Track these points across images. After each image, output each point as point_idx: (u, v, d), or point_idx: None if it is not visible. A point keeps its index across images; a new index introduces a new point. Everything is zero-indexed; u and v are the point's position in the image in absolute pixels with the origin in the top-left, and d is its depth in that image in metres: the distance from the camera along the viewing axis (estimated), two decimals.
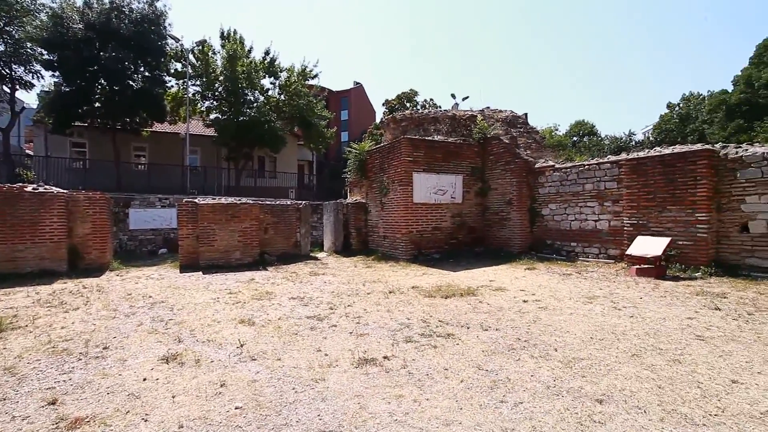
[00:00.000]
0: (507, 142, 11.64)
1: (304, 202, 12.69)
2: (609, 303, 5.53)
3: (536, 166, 11.02)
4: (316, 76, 22.73)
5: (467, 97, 21.43)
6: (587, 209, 9.73)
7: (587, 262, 9.29)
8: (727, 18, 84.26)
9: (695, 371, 3.25)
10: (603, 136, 42.41)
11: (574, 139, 43.32)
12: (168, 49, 18.58)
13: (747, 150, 7.34)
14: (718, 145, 7.87)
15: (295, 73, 21.75)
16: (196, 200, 10.28)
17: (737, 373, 3.19)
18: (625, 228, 8.67)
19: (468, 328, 4.55)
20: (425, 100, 40.69)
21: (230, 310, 5.54)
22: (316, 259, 11.24)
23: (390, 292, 6.57)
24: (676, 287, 6.37)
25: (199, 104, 21.85)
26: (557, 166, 10.57)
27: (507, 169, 11.31)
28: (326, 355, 3.79)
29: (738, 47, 77.05)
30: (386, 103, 41.72)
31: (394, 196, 11.10)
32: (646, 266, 7.35)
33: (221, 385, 3.14)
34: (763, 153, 7.01)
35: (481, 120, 12.44)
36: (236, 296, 6.48)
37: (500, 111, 13.89)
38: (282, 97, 21.93)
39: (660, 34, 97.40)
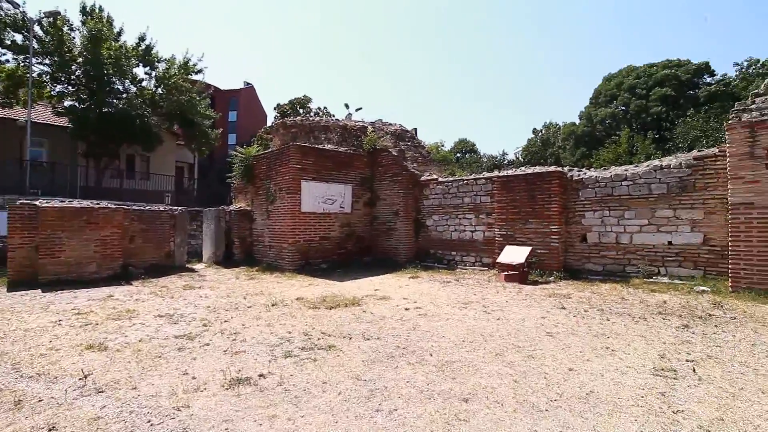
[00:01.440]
0: (395, 154, 12.16)
1: (180, 208, 11.53)
2: (481, 308, 6.06)
3: (422, 178, 11.70)
4: (200, 71, 21.00)
5: (360, 108, 21.91)
6: (465, 221, 10.62)
7: (465, 270, 10.11)
8: (572, 63, 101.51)
9: (543, 364, 3.70)
10: (482, 154, 47.16)
11: (458, 155, 47.32)
12: (1, 13, 15.40)
13: (585, 173, 8.79)
14: (566, 168, 9.29)
15: (175, 66, 19.77)
16: (36, 202, 8.59)
17: (573, 362, 3.72)
18: (497, 238, 9.66)
19: (350, 338, 4.54)
20: (319, 108, 40.56)
21: (75, 335, 4.69)
22: (192, 270, 10.26)
23: (273, 305, 6.27)
24: (535, 291, 7.27)
25: (48, 87, 18.36)
26: (440, 179, 11.37)
27: (395, 180, 11.80)
28: (194, 378, 3.42)
29: (584, 86, 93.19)
30: (278, 107, 40.53)
31: (281, 204, 10.73)
32: (512, 273, 8.26)
33: (49, 430, 2.59)
34: (596, 176, 8.48)
35: (372, 132, 12.81)
36: (86, 317, 5.53)
37: (390, 124, 14.50)
38: (159, 90, 19.75)
39: (531, 67, 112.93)
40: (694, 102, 28.85)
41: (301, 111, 38.45)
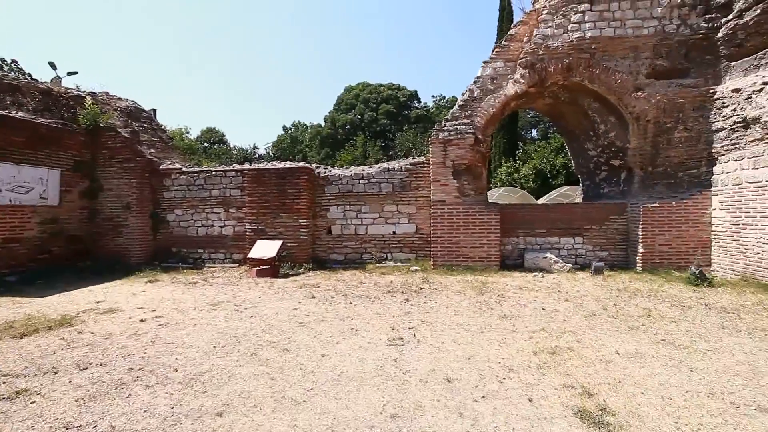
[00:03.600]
0: (127, 136, 10.05)
1: None
2: (233, 307, 5.72)
3: (162, 167, 10.12)
4: None
5: (75, 72, 16.80)
6: (214, 215, 9.85)
7: (214, 268, 9.37)
8: (323, 68, 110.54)
9: (299, 355, 3.80)
10: (232, 146, 45.08)
11: (205, 145, 43.67)
12: None
13: (331, 171, 9.65)
14: (314, 165, 9.93)
15: None
16: None
17: (325, 348, 3.98)
18: (248, 233, 9.38)
19: (55, 373, 3.42)
20: (3, 60, 29.27)
21: None
22: None
23: None
24: (287, 283, 7.44)
25: None
26: (185, 169, 10.13)
27: (126, 167, 9.75)
28: None
29: (332, 92, 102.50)
30: None
31: None
32: (264, 267, 8.19)
33: None
34: (339, 174, 9.44)
35: (93, 104, 10.15)
36: None
37: (121, 99, 11.87)
38: None
39: (286, 65, 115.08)
40: (408, 120, 36.38)
41: None
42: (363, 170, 9.43)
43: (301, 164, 9.57)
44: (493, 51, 8.40)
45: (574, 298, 5.85)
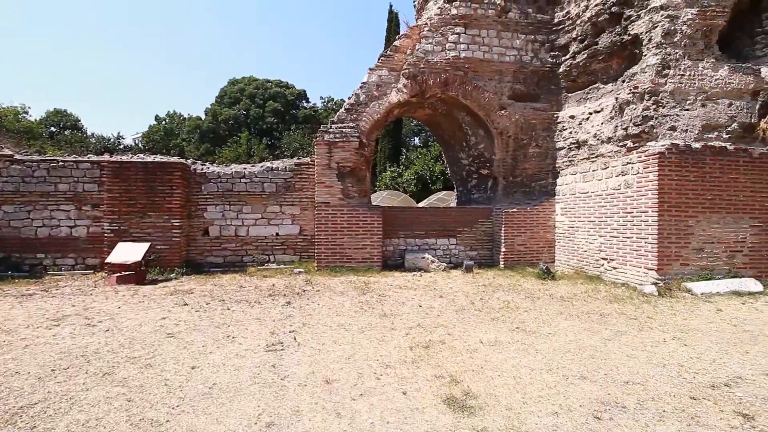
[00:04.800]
0: None
1: None
2: (82, 320, 4.90)
3: None
4: None
5: None
6: (61, 213, 8.34)
7: (60, 276, 7.92)
8: (205, 57, 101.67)
9: (164, 370, 3.43)
10: (90, 133, 38.65)
11: (52, 129, 36.69)
12: None
13: (209, 168, 8.95)
14: (190, 161, 9.10)
15: None
16: None
17: (196, 359, 3.67)
18: (106, 234, 8.16)
19: None
20: None
21: None
22: None
23: None
24: (155, 290, 6.66)
25: None
26: (18, 157, 8.37)
27: None
28: None
29: (212, 84, 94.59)
30: None
31: None
32: (127, 273, 7.21)
33: None
34: (219, 172, 8.81)
35: None
36: None
37: None
38: None
39: (160, 49, 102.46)
40: (296, 120, 35.62)
41: None
42: (245, 169, 8.95)
43: (175, 159, 8.70)
44: (379, 59, 8.74)
45: (448, 295, 6.39)
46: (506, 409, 2.84)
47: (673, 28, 6.98)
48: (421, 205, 16.59)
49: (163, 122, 41.10)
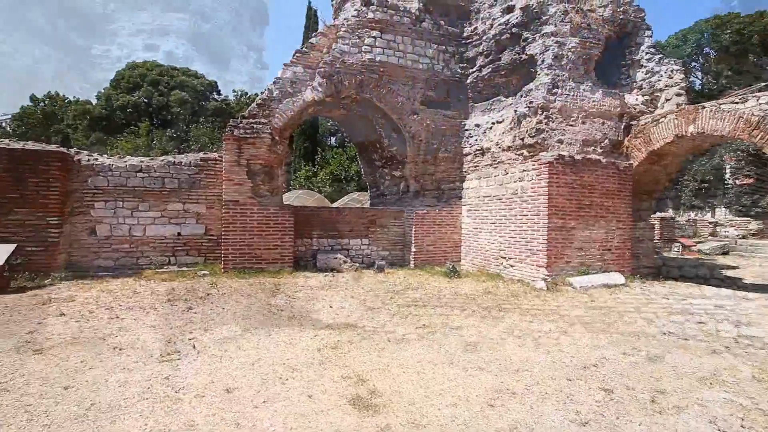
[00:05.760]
0: None
1: None
2: None
3: None
4: None
5: None
6: None
7: None
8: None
9: (26, 393, 2.95)
10: None
11: None
12: None
13: (98, 159, 7.95)
14: (73, 150, 7.98)
15: None
16: None
17: (71, 379, 3.22)
18: None
19: None
20: None
21: None
22: None
23: None
24: (21, 300, 5.71)
25: None
26: None
27: None
28: None
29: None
30: None
31: None
32: None
33: None
34: (110, 164, 7.87)
35: None
36: None
37: None
38: None
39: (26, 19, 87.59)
40: (206, 112, 33.21)
41: None
42: (142, 162, 8.11)
43: (53, 147, 7.59)
44: (294, 55, 8.52)
45: (359, 295, 6.45)
46: (409, 404, 2.94)
47: (561, 53, 7.87)
48: (335, 205, 16.54)
49: (42, 104, 35.57)
